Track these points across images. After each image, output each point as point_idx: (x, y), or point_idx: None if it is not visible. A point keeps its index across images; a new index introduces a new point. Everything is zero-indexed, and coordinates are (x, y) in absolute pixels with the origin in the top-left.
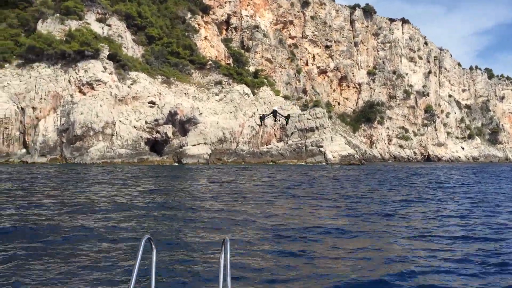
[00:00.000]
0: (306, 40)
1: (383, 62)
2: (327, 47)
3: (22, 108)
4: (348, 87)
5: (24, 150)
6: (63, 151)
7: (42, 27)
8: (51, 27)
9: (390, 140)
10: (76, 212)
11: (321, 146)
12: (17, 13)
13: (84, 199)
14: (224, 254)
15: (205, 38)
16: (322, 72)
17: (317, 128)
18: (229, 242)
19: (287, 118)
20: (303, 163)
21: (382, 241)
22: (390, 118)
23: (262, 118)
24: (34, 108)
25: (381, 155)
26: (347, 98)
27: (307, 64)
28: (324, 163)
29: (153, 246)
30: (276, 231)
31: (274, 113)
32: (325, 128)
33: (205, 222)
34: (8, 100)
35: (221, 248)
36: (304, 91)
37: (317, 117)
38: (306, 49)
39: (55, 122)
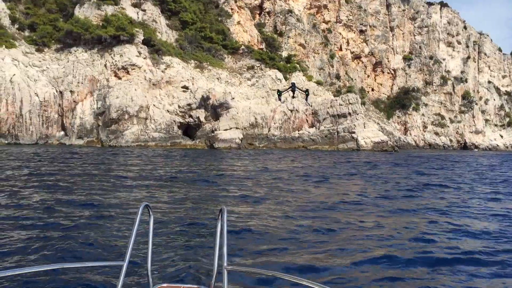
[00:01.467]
0: (340, 24)
1: (420, 47)
2: (361, 31)
3: (60, 92)
4: (383, 72)
5: (62, 133)
6: (99, 133)
7: (80, 12)
8: (88, 12)
9: (425, 127)
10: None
11: (353, 132)
12: None
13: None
14: (221, 223)
15: (238, 23)
16: (356, 57)
17: (349, 114)
18: (226, 211)
19: (307, 92)
20: (334, 149)
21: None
22: (426, 105)
23: (280, 93)
24: (72, 92)
25: (415, 142)
26: (381, 84)
27: (340, 49)
28: (356, 149)
29: (150, 213)
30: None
31: (293, 87)
32: (357, 114)
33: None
34: (47, 83)
35: (218, 216)
36: (338, 77)
37: (350, 103)
38: (340, 33)
39: (91, 105)
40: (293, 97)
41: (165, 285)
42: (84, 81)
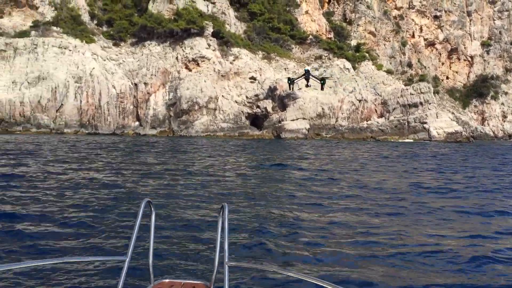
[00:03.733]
0: (413, 10)
1: (500, 32)
2: (436, 17)
3: (135, 84)
4: (459, 60)
5: (137, 123)
6: (171, 124)
7: (153, 7)
8: (160, 7)
9: (505, 116)
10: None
11: (425, 123)
12: None
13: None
14: (222, 219)
15: (306, 12)
16: (430, 44)
17: (421, 103)
18: (227, 207)
19: (323, 81)
20: (404, 140)
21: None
22: (506, 93)
23: (291, 81)
24: (145, 84)
25: (493, 132)
26: (457, 72)
27: (413, 36)
28: (427, 140)
29: (152, 209)
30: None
31: (306, 74)
32: (429, 104)
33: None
34: (123, 76)
35: (219, 213)
36: (409, 65)
37: (422, 92)
38: (412, 20)
39: (164, 97)
40: (307, 85)
41: (166, 280)
42: (157, 74)
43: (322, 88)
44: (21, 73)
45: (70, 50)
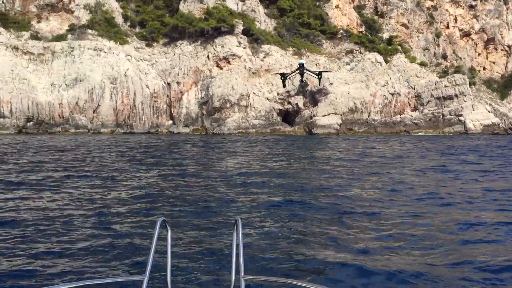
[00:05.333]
0: (447, 1)
1: None
2: (471, 7)
3: (168, 83)
4: (496, 50)
5: (170, 121)
6: (203, 122)
7: (184, 7)
8: (191, 7)
9: None
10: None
11: (461, 115)
12: None
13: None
14: (237, 234)
15: (337, 6)
16: (465, 34)
17: (456, 96)
18: (240, 222)
19: (319, 75)
20: (439, 133)
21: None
22: None
23: (284, 77)
24: (178, 83)
25: None
26: (494, 62)
27: (447, 27)
28: (463, 133)
29: (168, 227)
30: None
31: (301, 69)
32: (465, 96)
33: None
34: (156, 76)
35: (233, 228)
36: (444, 57)
37: (457, 84)
38: (447, 10)
39: (196, 95)
40: (301, 81)
41: None
42: (189, 73)
43: (319, 83)
44: (59, 75)
45: (105, 52)
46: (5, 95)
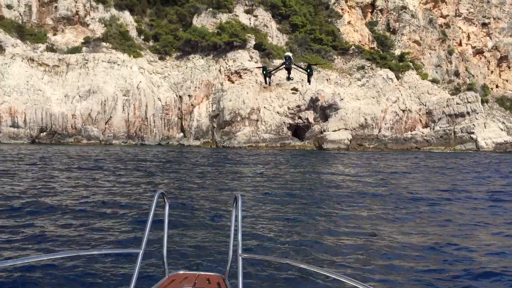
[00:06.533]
0: (460, 18)
1: None
2: (484, 24)
3: (180, 96)
4: (509, 68)
5: (181, 134)
6: (214, 135)
7: (197, 21)
8: (204, 21)
9: None
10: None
11: (472, 133)
12: (175, 10)
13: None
14: (236, 211)
15: (349, 22)
16: (478, 52)
17: (468, 113)
18: (241, 198)
19: (309, 69)
20: (450, 150)
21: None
22: None
23: (266, 72)
24: (189, 96)
25: None
26: (507, 80)
27: (460, 44)
28: (475, 151)
29: (166, 201)
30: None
31: (287, 62)
32: (477, 114)
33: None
34: (168, 89)
35: (233, 204)
36: (457, 74)
37: (469, 102)
38: (459, 28)
39: (207, 108)
40: (288, 78)
41: (181, 272)
42: (201, 86)
43: (309, 80)
44: (73, 87)
45: (118, 65)
46: (20, 105)
